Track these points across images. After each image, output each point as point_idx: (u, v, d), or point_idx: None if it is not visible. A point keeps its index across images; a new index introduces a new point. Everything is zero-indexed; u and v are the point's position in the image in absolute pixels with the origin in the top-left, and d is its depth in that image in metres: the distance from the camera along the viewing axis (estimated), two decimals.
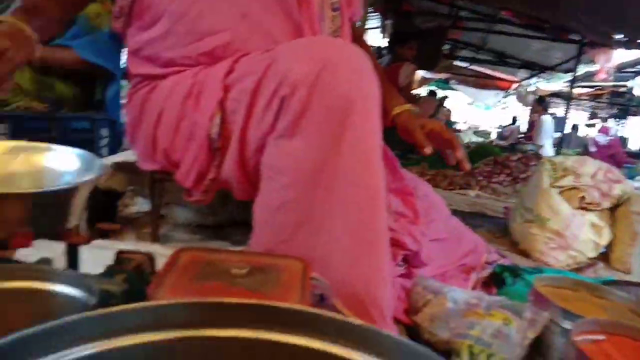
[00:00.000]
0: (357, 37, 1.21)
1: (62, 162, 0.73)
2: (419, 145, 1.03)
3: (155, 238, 1.20)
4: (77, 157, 0.72)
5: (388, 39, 4.59)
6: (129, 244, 1.04)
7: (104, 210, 1.31)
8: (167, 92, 0.96)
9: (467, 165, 1.04)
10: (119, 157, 1.14)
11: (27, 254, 0.63)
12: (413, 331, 1.00)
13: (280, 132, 0.80)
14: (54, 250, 0.66)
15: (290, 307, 0.38)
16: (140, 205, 1.54)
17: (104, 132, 1.71)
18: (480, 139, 7.27)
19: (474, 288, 1.22)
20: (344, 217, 0.77)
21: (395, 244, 1.01)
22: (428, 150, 1.00)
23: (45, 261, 0.63)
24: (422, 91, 8.63)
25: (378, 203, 0.78)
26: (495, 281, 1.27)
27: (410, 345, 0.34)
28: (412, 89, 3.96)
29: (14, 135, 1.53)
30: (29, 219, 0.57)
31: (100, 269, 0.68)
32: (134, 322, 0.36)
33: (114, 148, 1.76)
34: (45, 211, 0.59)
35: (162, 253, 1.05)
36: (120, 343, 0.35)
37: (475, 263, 1.25)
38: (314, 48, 0.80)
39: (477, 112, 16.88)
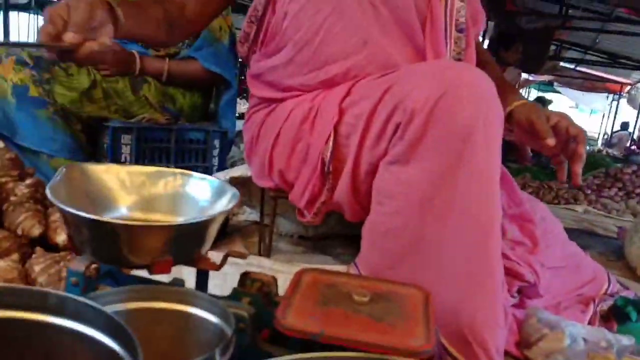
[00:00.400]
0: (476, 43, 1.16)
1: (197, 189, 0.78)
2: (541, 136, 0.88)
3: (263, 249, 1.25)
4: (210, 184, 0.78)
5: (489, 41, 4.42)
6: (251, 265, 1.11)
7: None
8: (285, 115, 1.00)
9: (580, 180, 0.94)
10: (235, 172, 1.21)
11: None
12: None
13: (393, 158, 0.80)
14: (180, 272, 0.72)
15: None
16: (247, 214, 1.62)
17: (216, 143, 1.82)
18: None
19: (591, 322, 1.13)
20: (455, 249, 0.75)
21: (512, 274, 0.96)
22: (551, 141, 0.87)
23: (179, 282, 0.68)
24: (525, 95, 8.18)
25: (492, 238, 0.75)
26: (616, 315, 1.17)
27: None
28: None
29: (137, 144, 1.67)
30: (169, 247, 0.62)
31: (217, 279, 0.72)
32: None
33: (224, 157, 1.87)
34: (184, 240, 0.64)
35: (272, 267, 1.10)
36: None
37: (594, 294, 1.16)
38: (433, 73, 0.78)
39: (581, 116, 15.70)
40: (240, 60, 1.76)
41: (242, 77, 3.69)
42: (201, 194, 0.79)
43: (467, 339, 0.74)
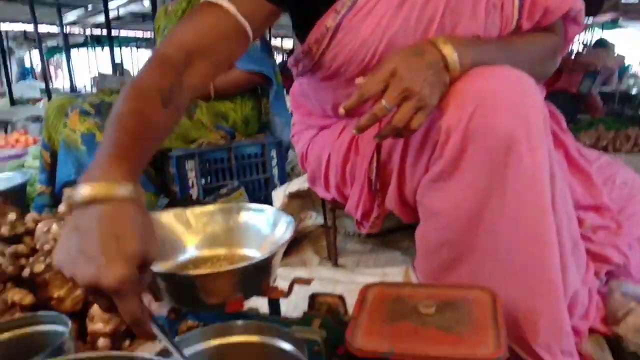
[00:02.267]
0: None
1: (256, 221, 0.83)
2: None
3: (330, 252, 1.28)
4: (267, 215, 0.82)
5: None
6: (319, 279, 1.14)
7: None
8: (333, 138, 1.02)
9: None
10: (293, 187, 1.24)
11: None
12: (614, 341, 0.93)
13: (436, 176, 0.78)
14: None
15: None
16: (314, 218, 1.66)
17: (273, 153, 1.87)
18: None
19: None
20: (509, 260, 0.74)
21: (598, 258, 0.92)
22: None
23: (254, 310, 0.73)
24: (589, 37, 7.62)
25: (548, 245, 0.72)
26: None
27: None
28: None
29: (200, 168, 1.76)
30: (239, 286, 0.67)
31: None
32: None
33: (282, 166, 1.91)
34: (252, 277, 0.69)
35: (334, 278, 1.13)
36: None
37: None
38: (465, 87, 0.73)
39: None
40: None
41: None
42: (260, 224, 0.83)
43: (532, 347, 0.73)
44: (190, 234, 0.84)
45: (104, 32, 6.77)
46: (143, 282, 0.56)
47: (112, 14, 6.19)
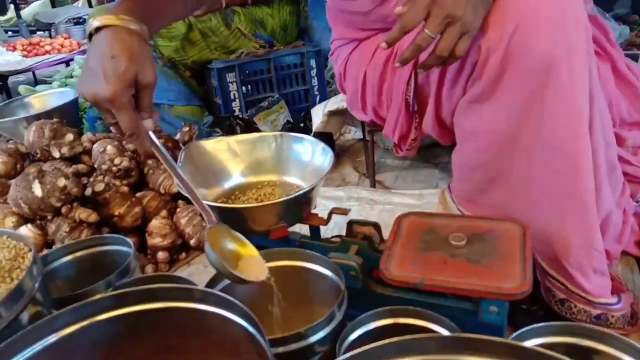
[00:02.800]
0: None
1: (298, 149, 0.87)
2: None
3: (370, 174, 1.32)
4: (306, 144, 0.85)
5: None
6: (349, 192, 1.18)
7: None
8: (369, 55, 1.00)
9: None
10: (332, 106, 1.25)
11: None
12: None
13: (474, 97, 0.77)
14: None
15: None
16: (353, 133, 1.68)
17: (312, 63, 1.85)
18: None
19: None
20: (543, 181, 0.74)
21: (635, 180, 0.92)
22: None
23: (296, 234, 0.79)
24: None
25: (582, 170, 0.71)
26: None
27: None
28: None
29: (242, 79, 1.77)
30: (282, 216, 0.72)
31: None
32: None
33: (322, 75, 1.90)
34: (294, 208, 0.74)
35: (377, 200, 1.17)
36: None
37: None
38: (506, 4, 0.70)
39: None
40: None
41: None
42: (300, 152, 0.87)
43: (563, 264, 0.76)
44: (235, 162, 0.89)
45: None
46: (142, 100, 0.67)
47: None
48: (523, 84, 0.70)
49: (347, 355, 0.39)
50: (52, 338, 0.49)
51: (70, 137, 1.18)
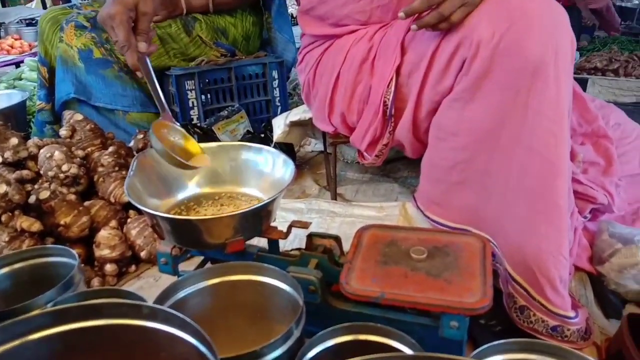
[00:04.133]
0: None
1: (257, 160, 0.84)
2: None
3: (331, 187, 1.30)
4: (266, 155, 0.83)
5: None
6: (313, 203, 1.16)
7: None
8: (342, 54, 0.99)
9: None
10: (294, 117, 1.23)
11: None
12: (596, 280, 0.97)
13: (458, 95, 0.78)
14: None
15: None
16: (313, 145, 1.67)
17: (275, 74, 1.82)
18: None
19: None
20: (520, 183, 0.75)
21: (584, 197, 0.94)
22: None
23: (253, 248, 0.76)
24: None
25: (560, 175, 0.73)
26: None
27: None
28: None
29: (200, 88, 1.73)
30: (239, 229, 0.69)
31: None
32: None
33: (284, 86, 1.88)
34: (252, 221, 0.71)
35: (337, 212, 1.16)
36: None
37: None
38: (501, 3, 0.73)
39: None
40: None
41: None
42: (260, 163, 0.84)
43: (532, 269, 0.76)
44: (191, 172, 0.85)
45: None
46: (139, 24, 0.78)
47: None
48: (509, 83, 0.72)
49: None
50: None
51: (14, 141, 1.11)
